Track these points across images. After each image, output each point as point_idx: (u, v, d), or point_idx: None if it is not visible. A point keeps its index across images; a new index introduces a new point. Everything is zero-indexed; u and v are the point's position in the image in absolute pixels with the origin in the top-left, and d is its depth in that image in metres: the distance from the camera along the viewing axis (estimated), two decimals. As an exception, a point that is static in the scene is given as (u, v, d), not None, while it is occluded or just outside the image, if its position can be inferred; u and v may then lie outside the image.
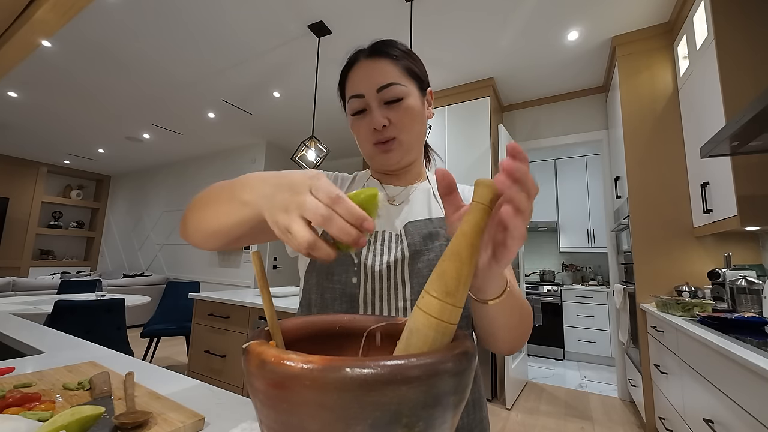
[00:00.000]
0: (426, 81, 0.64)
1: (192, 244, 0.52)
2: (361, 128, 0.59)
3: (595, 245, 4.27)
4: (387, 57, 0.59)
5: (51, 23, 1.70)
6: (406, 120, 0.58)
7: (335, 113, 3.94)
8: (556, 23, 2.45)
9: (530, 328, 0.50)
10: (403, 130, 0.58)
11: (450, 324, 0.30)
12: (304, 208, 0.31)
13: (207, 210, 0.47)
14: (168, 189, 6.18)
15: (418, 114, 0.60)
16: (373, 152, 0.60)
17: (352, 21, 2.48)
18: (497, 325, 0.44)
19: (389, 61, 0.59)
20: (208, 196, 0.48)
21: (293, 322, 0.39)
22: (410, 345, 0.31)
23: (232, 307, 2.32)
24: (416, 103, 0.59)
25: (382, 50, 0.59)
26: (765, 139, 1.43)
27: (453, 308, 0.30)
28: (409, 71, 0.60)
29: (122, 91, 3.61)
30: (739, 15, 1.79)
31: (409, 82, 0.59)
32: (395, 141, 0.58)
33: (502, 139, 3.01)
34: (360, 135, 0.60)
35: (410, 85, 0.59)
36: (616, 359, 2.99)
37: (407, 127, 0.58)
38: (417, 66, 0.62)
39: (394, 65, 0.59)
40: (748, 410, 1.05)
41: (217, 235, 0.47)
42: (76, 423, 0.43)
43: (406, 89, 0.58)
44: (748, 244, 2.08)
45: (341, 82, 0.64)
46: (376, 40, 0.62)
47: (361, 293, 0.55)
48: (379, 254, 0.57)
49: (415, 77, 0.61)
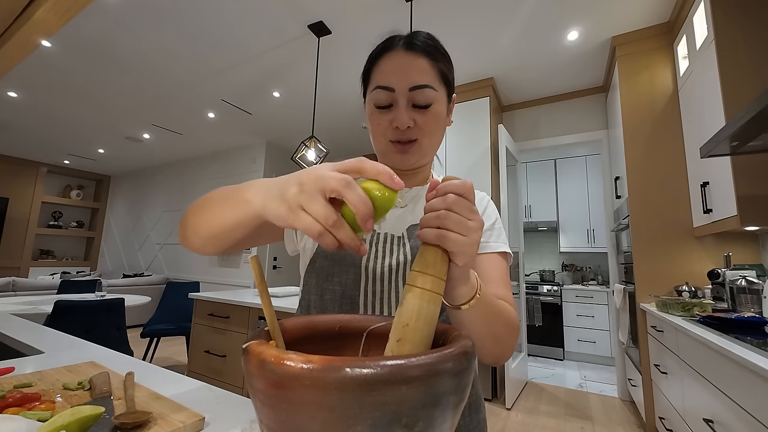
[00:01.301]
0: (453, 89, 0.61)
1: (191, 249, 0.51)
2: (382, 122, 0.56)
3: (595, 245, 4.28)
4: (427, 55, 0.55)
5: (51, 23, 1.70)
6: (431, 125, 0.56)
7: (335, 113, 3.94)
8: (556, 23, 2.45)
9: (514, 338, 0.49)
10: (426, 135, 0.56)
11: (434, 293, 0.34)
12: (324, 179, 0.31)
13: (207, 212, 0.46)
14: (168, 189, 6.18)
15: (442, 122, 0.58)
16: (388, 149, 0.57)
17: (352, 21, 2.48)
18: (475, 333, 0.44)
19: (428, 61, 0.55)
20: (208, 199, 0.48)
21: (293, 322, 0.39)
22: (401, 315, 0.34)
23: (231, 307, 2.32)
24: (442, 110, 0.57)
25: (422, 45, 0.55)
26: (765, 139, 1.43)
27: (434, 278, 0.34)
28: (443, 76, 0.57)
29: (122, 91, 3.61)
30: (739, 15, 1.79)
31: (441, 87, 0.56)
32: (416, 143, 0.56)
33: (502, 139, 3.01)
34: (378, 128, 0.57)
35: (441, 91, 0.56)
36: (616, 359, 2.99)
37: (430, 132, 0.56)
38: (451, 73, 0.59)
39: (432, 66, 0.55)
40: (748, 410, 1.05)
41: (216, 238, 0.46)
42: (76, 423, 0.43)
43: (437, 95, 0.55)
44: (748, 244, 2.08)
45: (368, 68, 0.59)
46: (416, 31, 0.58)
47: (361, 295, 0.55)
48: (381, 256, 0.57)
49: (447, 84, 0.58)
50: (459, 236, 0.34)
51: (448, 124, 0.62)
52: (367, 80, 0.59)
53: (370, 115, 0.58)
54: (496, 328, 0.46)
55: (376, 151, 0.61)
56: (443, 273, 0.35)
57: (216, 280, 5.05)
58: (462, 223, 0.34)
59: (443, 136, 0.62)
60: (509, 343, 0.49)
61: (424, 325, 0.33)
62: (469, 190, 0.35)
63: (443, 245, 0.34)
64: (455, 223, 0.34)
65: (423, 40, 0.56)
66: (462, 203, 0.34)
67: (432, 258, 0.34)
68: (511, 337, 0.49)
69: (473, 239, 0.35)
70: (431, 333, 0.34)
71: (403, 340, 0.33)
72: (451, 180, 0.35)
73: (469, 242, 0.34)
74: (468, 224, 0.34)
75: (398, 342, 0.33)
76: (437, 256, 0.34)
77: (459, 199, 0.34)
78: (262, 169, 4.91)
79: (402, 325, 0.33)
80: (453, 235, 0.34)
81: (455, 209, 0.34)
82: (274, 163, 5.07)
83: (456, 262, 0.35)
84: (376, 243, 0.58)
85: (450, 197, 0.34)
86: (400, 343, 0.33)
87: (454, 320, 0.43)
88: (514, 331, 0.49)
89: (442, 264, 0.35)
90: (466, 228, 0.34)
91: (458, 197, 0.34)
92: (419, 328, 0.33)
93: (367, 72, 0.59)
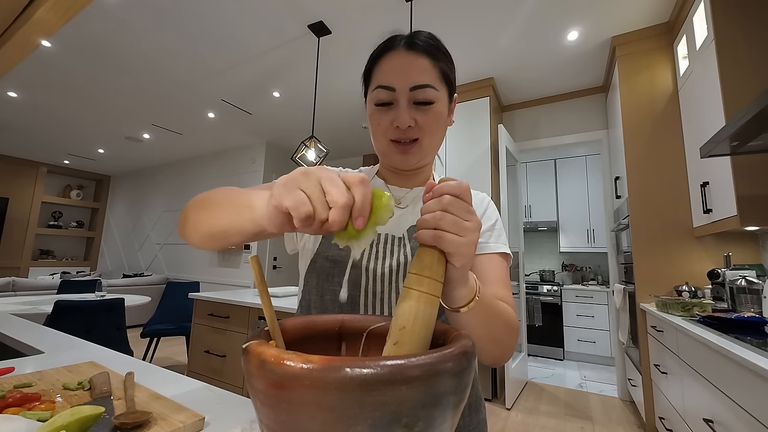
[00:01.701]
0: (455, 89, 0.60)
1: (189, 243, 0.51)
2: (382, 121, 0.56)
3: (595, 245, 4.27)
4: (428, 55, 0.55)
5: (51, 23, 1.70)
6: (432, 125, 0.55)
7: (335, 113, 3.94)
8: (556, 23, 2.45)
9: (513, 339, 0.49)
10: (426, 135, 0.56)
11: (430, 295, 0.34)
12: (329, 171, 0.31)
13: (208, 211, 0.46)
14: (168, 189, 6.18)
15: (443, 121, 0.58)
16: (389, 149, 0.57)
17: (352, 21, 2.48)
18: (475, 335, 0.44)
19: (429, 60, 0.55)
20: (211, 197, 0.48)
21: (293, 322, 0.39)
22: (398, 318, 0.34)
23: (231, 307, 2.32)
24: (443, 110, 0.57)
25: (424, 45, 0.55)
26: (765, 139, 1.43)
27: (431, 280, 0.34)
28: (445, 76, 0.57)
29: (122, 91, 3.61)
30: (739, 15, 1.79)
31: (442, 86, 0.56)
32: (417, 143, 0.56)
33: (502, 139, 3.01)
34: (378, 128, 0.57)
35: (442, 90, 0.56)
36: (616, 359, 2.99)
37: (431, 132, 0.56)
38: (452, 72, 0.59)
39: (433, 66, 0.55)
40: (747, 410, 1.05)
41: (215, 239, 0.46)
42: (75, 423, 0.43)
43: (438, 94, 0.55)
44: (747, 244, 2.08)
45: (369, 67, 0.59)
46: (418, 31, 0.57)
47: (362, 296, 0.55)
48: (381, 257, 0.57)
49: (448, 83, 0.58)
50: (455, 237, 0.34)
51: (449, 124, 0.61)
52: (368, 80, 0.59)
53: (370, 114, 0.57)
54: (496, 329, 0.46)
55: (377, 151, 0.61)
56: (440, 275, 0.35)
57: (216, 280, 5.05)
58: (458, 224, 0.34)
59: (444, 137, 0.62)
60: (509, 344, 0.49)
61: (421, 328, 0.33)
62: (466, 191, 0.35)
63: (440, 246, 0.34)
64: (451, 223, 0.34)
65: (424, 39, 0.56)
66: (458, 204, 0.34)
67: (429, 260, 0.34)
68: (510, 338, 0.49)
69: (470, 240, 0.34)
70: (428, 336, 0.34)
71: (400, 343, 0.33)
72: (448, 181, 0.35)
73: (465, 243, 0.34)
74: (464, 225, 0.34)
75: (395, 345, 0.33)
76: (434, 257, 0.34)
77: (454, 200, 0.34)
78: (262, 169, 4.91)
79: (399, 328, 0.33)
80: (449, 236, 0.33)
81: (451, 210, 0.34)
82: (274, 163, 5.07)
83: (453, 263, 0.35)
84: (377, 244, 0.58)
85: (446, 198, 0.34)
86: (397, 346, 0.33)
87: (453, 322, 0.43)
88: (513, 332, 0.49)
89: (439, 266, 0.35)
90: (462, 228, 0.34)
91: (454, 198, 0.34)
92: (416, 331, 0.33)
93: (368, 71, 0.59)
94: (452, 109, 0.61)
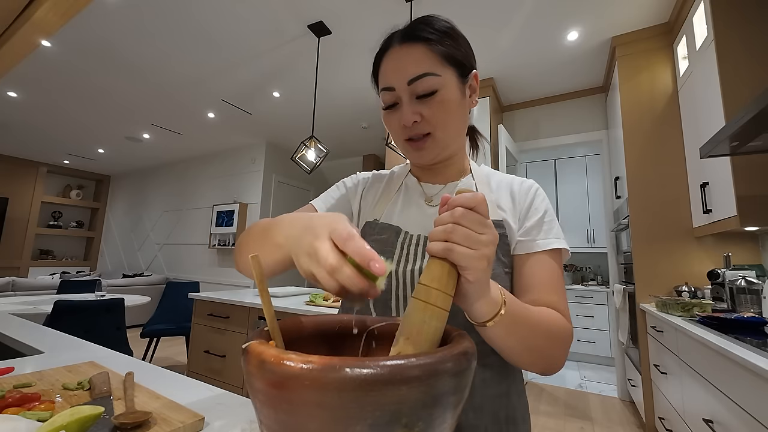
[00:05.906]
0: (469, 65, 0.55)
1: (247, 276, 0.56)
2: (393, 123, 0.55)
3: (594, 245, 4.27)
4: (421, 41, 0.52)
5: (51, 23, 1.70)
6: (440, 115, 0.52)
7: (335, 113, 3.94)
8: (556, 23, 2.45)
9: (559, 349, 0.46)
10: (437, 127, 0.53)
11: (438, 308, 0.33)
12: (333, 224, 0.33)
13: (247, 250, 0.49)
14: (168, 189, 6.18)
15: (456, 106, 0.53)
16: (405, 148, 0.56)
17: (352, 21, 2.48)
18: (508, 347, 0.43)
19: (423, 47, 0.51)
20: (250, 236, 0.52)
21: (293, 322, 0.39)
22: (403, 326, 0.34)
23: (231, 307, 2.31)
24: (453, 95, 0.52)
25: (415, 33, 0.52)
26: (765, 139, 1.43)
27: (439, 292, 0.33)
28: (447, 57, 0.52)
29: (122, 91, 3.61)
30: (739, 15, 1.79)
31: (446, 69, 0.52)
32: (429, 138, 0.54)
33: (502, 140, 3.01)
34: (392, 130, 0.56)
35: (447, 74, 0.52)
36: (616, 359, 2.99)
37: (442, 122, 0.53)
38: (458, 48, 0.54)
39: (429, 51, 0.51)
40: (747, 410, 1.05)
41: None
42: (75, 423, 0.43)
43: (441, 80, 0.51)
44: (747, 244, 2.07)
45: (374, 71, 0.58)
46: (414, 20, 0.54)
47: (393, 299, 0.54)
48: (411, 260, 0.54)
49: (455, 63, 0.53)
50: (467, 250, 0.33)
51: (472, 105, 0.57)
52: (376, 84, 0.59)
53: (383, 118, 0.57)
54: (534, 341, 0.44)
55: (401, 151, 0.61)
56: (449, 288, 0.34)
57: (216, 280, 5.04)
58: (470, 237, 0.33)
59: (467, 121, 0.58)
60: (554, 354, 0.46)
61: (425, 341, 0.33)
62: (480, 203, 0.34)
63: (450, 259, 0.33)
64: (462, 236, 0.33)
65: (418, 25, 0.53)
66: (471, 216, 0.33)
67: (438, 272, 0.34)
68: (555, 348, 0.46)
69: (482, 253, 0.33)
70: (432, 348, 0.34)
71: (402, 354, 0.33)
72: (464, 192, 0.35)
73: (477, 256, 0.33)
74: (477, 238, 0.33)
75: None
76: (443, 270, 0.34)
77: (467, 212, 0.33)
78: (262, 169, 4.91)
79: (404, 338, 0.33)
80: (460, 249, 0.33)
81: (463, 223, 0.33)
82: (274, 163, 5.07)
83: (466, 277, 0.34)
84: (408, 246, 0.56)
85: (458, 211, 0.33)
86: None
87: (484, 336, 0.42)
88: (558, 342, 0.46)
89: (449, 278, 0.34)
90: (474, 242, 0.33)
91: (467, 210, 0.33)
92: (420, 342, 0.33)
93: (375, 75, 0.59)
94: (473, 87, 0.57)
